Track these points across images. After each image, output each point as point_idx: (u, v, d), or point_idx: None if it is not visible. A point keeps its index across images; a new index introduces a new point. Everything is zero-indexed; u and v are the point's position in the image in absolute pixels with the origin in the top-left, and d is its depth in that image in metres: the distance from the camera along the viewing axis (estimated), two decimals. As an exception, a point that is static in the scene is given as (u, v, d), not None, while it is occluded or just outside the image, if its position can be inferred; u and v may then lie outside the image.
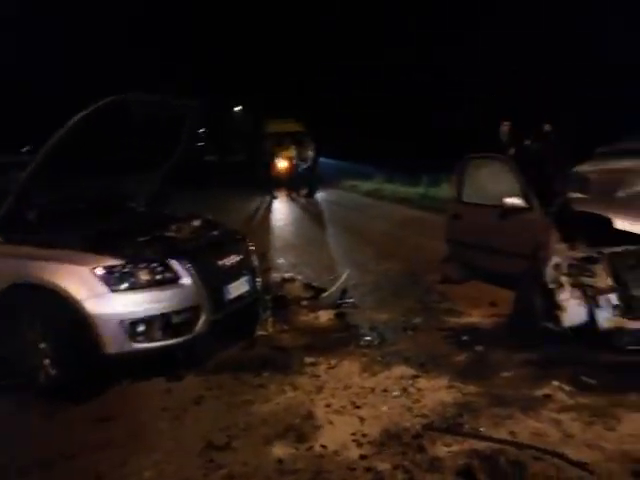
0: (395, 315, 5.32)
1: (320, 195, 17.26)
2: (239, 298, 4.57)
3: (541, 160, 7.48)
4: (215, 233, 4.93)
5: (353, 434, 3.18)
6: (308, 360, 4.30)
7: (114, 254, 3.89)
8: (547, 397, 3.49)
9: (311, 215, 13.54)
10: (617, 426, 3.08)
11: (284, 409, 3.56)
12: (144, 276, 3.89)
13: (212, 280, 4.23)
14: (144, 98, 4.63)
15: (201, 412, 3.56)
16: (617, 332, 3.90)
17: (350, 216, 13.18)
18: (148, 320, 3.83)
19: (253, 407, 3.60)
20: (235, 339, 4.68)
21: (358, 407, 3.52)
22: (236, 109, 35.96)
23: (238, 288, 4.58)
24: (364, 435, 3.17)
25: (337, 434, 3.20)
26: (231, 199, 15.96)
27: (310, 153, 17.35)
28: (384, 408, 3.48)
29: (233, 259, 4.61)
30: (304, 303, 5.65)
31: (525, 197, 5.27)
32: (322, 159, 18.95)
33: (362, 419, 3.37)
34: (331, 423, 3.33)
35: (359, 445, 3.07)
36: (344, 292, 5.71)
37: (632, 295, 3.87)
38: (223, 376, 4.07)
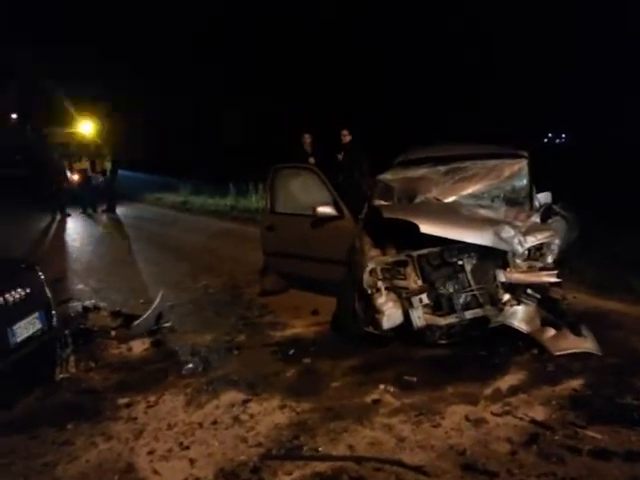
0: (218, 335, 5.02)
1: (122, 210, 15.98)
2: (30, 339, 3.87)
3: (344, 168, 7.87)
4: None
5: (184, 480, 2.83)
6: (122, 401, 3.79)
7: None
8: (377, 402, 3.54)
9: (114, 233, 12.41)
10: (441, 422, 3.24)
11: (97, 466, 3.04)
12: None
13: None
14: None
15: (-13, 490, 2.86)
16: (429, 329, 4.17)
17: (159, 231, 12.39)
18: None
19: (57, 470, 3.02)
20: (30, 388, 3.92)
21: (186, 447, 3.17)
22: (13, 116, 31.56)
23: (27, 328, 3.89)
24: (197, 479, 2.83)
25: (165, 484, 2.82)
26: (13, 220, 13.80)
27: (107, 165, 15.94)
28: (216, 443, 3.18)
29: (18, 294, 3.86)
30: (113, 334, 5.04)
31: (336, 205, 5.41)
32: (121, 171, 17.56)
33: (192, 461, 3.02)
34: (157, 473, 2.93)
35: (192, 493, 2.73)
36: (159, 316, 5.23)
37: (439, 293, 4.17)
38: (15, 437, 3.36)
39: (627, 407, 3.25)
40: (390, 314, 4.15)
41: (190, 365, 4.32)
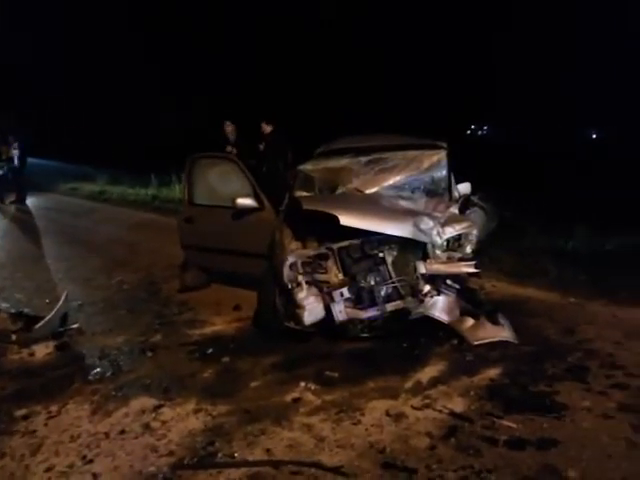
0: (131, 336, 4.71)
1: (33, 201, 14.92)
2: None
3: (267, 159, 7.68)
4: None
5: (85, 499, 2.59)
6: (19, 413, 3.46)
7: None
8: (297, 401, 3.43)
9: (22, 226, 11.55)
10: (362, 418, 3.17)
11: (-16, 490, 2.73)
12: None
13: None
14: None
15: None
16: (351, 323, 4.10)
17: (72, 224, 11.65)
18: None
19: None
20: None
21: (90, 461, 2.91)
22: None
23: None
24: (99, 497, 2.60)
25: (63, 505, 2.57)
26: None
27: (14, 152, 14.76)
28: (123, 455, 2.95)
29: None
30: (13, 338, 4.61)
31: (256, 197, 5.22)
32: (33, 160, 16.37)
33: (96, 475, 2.79)
34: (54, 493, 2.66)
35: (94, 512, 2.50)
36: (65, 317, 4.84)
37: (360, 286, 4.10)
38: None
39: (540, 395, 3.32)
40: (311, 309, 4.04)
41: (98, 369, 4.02)
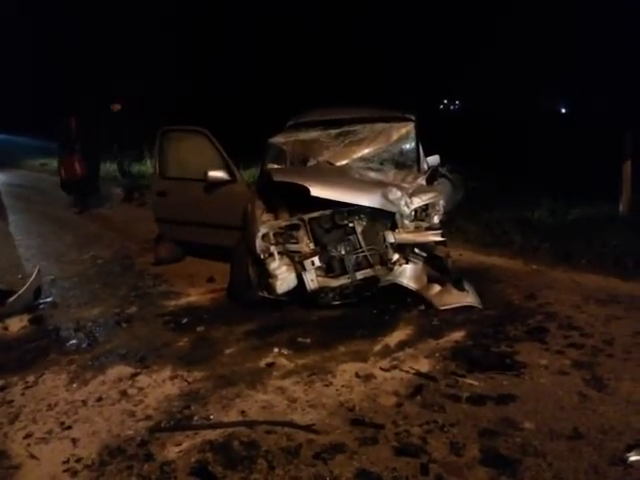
0: (107, 308, 4.75)
1: (-1, 178, 14.60)
2: None
3: None
4: None
5: (65, 462, 2.68)
6: (-5, 385, 3.50)
7: None
8: (270, 366, 3.55)
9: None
10: (332, 380, 3.31)
11: (-38, 460, 2.78)
12: None
13: None
14: None
15: None
16: (322, 291, 4.22)
17: (42, 200, 11.45)
18: None
19: None
20: None
21: (68, 427, 2.99)
22: None
23: None
24: (79, 460, 2.69)
25: (43, 468, 2.65)
26: None
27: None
28: (101, 420, 3.03)
29: None
30: (-15, 313, 4.61)
31: (228, 169, 5.25)
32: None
33: (75, 440, 2.86)
34: (34, 457, 2.74)
35: (74, 474, 2.59)
36: (38, 291, 4.85)
37: (331, 255, 4.21)
38: None
39: (502, 354, 3.50)
40: (284, 278, 4.15)
41: (74, 341, 4.07)
